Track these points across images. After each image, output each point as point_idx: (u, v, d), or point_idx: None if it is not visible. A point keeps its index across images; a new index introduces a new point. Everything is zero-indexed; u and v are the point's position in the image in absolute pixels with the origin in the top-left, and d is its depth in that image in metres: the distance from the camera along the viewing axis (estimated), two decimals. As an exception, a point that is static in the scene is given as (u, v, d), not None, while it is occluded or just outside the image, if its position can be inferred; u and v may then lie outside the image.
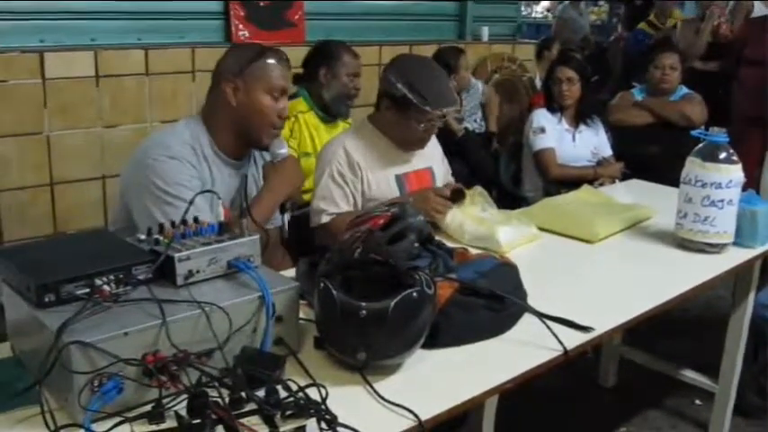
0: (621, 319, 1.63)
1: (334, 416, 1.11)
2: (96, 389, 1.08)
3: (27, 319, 1.21)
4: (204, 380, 1.13)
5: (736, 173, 1.98)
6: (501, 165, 3.90)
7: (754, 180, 3.01)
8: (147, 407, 1.11)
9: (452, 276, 1.55)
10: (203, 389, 1.10)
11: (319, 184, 2.23)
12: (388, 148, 2.27)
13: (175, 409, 1.10)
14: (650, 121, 3.79)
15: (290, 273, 1.70)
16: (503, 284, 1.56)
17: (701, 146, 2.03)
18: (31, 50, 3.20)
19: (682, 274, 1.91)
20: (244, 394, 1.10)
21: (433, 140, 2.37)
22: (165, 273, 1.28)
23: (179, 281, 1.27)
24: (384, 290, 1.29)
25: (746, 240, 2.08)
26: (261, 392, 1.12)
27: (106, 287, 1.20)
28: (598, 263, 2.02)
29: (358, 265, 1.39)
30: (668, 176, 2.47)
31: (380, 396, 1.23)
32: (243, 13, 3.94)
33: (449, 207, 2.10)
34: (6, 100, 3.10)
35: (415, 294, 1.29)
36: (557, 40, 5.32)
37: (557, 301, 1.60)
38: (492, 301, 1.50)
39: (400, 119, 2.17)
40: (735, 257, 2.05)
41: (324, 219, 2.19)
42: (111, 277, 1.22)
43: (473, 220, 2.06)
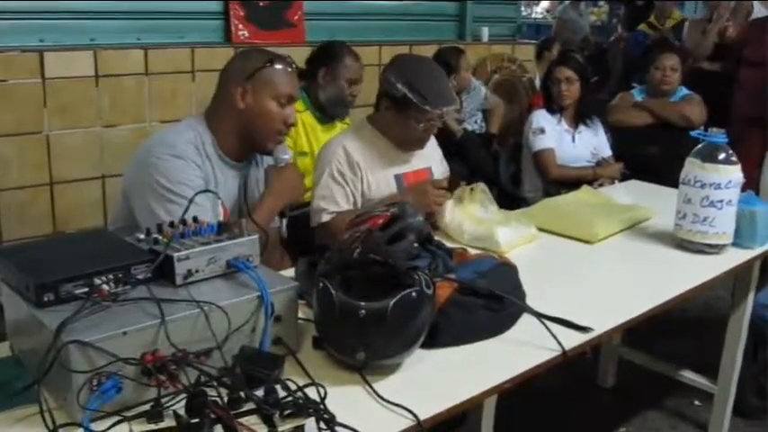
0: (621, 319, 1.63)
1: (332, 415, 1.11)
2: (95, 388, 1.08)
3: (26, 319, 1.21)
4: (203, 379, 1.13)
5: (735, 173, 1.98)
6: (500, 165, 3.90)
7: (753, 181, 3.01)
8: (146, 406, 1.11)
9: (451, 276, 1.55)
10: (202, 388, 1.10)
11: (319, 183, 2.23)
12: (387, 148, 2.27)
13: (174, 408, 1.10)
14: (650, 122, 3.80)
15: (289, 272, 1.70)
16: (502, 284, 1.56)
17: (700, 146, 2.03)
18: (30, 50, 3.19)
19: (681, 274, 1.92)
20: (242, 394, 1.11)
21: (433, 142, 2.38)
22: (164, 272, 1.28)
23: (178, 280, 1.28)
24: (383, 290, 1.29)
25: (745, 241, 2.09)
26: (259, 392, 1.12)
27: (105, 286, 1.20)
28: (597, 263, 2.02)
29: (357, 264, 1.38)
30: (668, 177, 2.47)
31: (379, 396, 1.23)
32: (242, 14, 3.94)
33: (447, 197, 2.11)
34: (6, 99, 3.09)
35: (415, 294, 1.29)
36: (557, 40, 5.32)
37: (556, 302, 1.60)
38: (491, 301, 1.51)
39: (400, 119, 2.18)
40: (734, 258, 2.05)
41: (324, 217, 2.19)
42: (111, 277, 1.22)
43: (472, 220, 2.07)
